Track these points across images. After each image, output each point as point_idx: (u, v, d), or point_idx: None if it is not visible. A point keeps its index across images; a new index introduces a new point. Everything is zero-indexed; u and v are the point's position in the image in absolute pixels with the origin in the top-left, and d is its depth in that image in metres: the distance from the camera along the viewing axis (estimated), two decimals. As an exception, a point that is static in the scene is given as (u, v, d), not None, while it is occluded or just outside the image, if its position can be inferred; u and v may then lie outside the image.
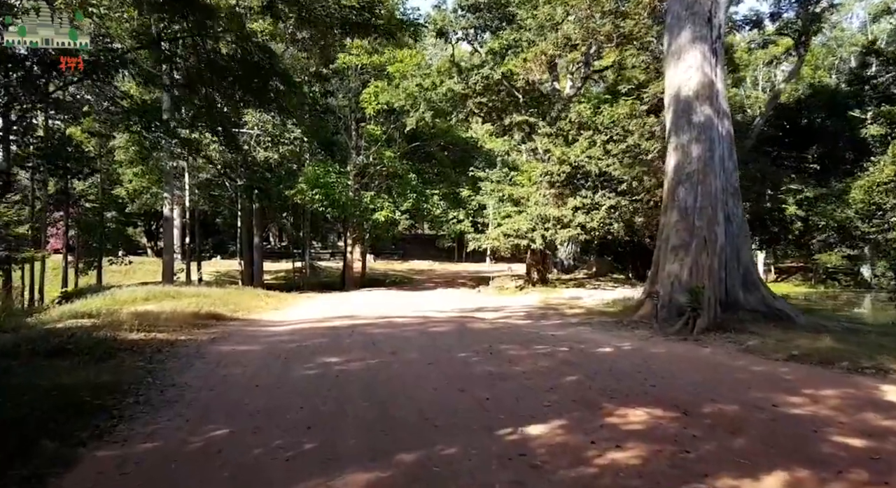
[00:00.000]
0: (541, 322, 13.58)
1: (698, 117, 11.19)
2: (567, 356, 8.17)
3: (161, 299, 16.59)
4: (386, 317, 14.33)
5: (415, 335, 10.63)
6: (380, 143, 30.47)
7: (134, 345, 8.57)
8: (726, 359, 8.11)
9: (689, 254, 10.95)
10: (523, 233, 22.75)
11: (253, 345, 9.68)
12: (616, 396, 5.80)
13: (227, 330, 11.60)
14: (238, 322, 13.34)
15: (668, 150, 11.80)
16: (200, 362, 7.76)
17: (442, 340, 9.81)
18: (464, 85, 24.42)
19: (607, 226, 21.93)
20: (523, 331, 11.41)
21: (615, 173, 21.74)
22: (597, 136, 22.80)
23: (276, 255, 47.89)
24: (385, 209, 29.10)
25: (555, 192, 23.26)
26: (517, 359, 7.93)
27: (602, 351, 8.73)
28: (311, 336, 10.60)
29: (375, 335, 10.71)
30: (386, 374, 7.00)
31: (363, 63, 29.26)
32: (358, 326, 12.12)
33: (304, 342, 9.73)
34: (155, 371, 6.94)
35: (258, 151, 26.68)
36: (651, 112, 23.22)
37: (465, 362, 7.73)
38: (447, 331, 11.11)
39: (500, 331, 11.20)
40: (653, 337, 10.28)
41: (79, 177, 29.92)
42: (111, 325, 10.09)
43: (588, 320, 13.51)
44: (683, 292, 10.87)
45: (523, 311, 16.68)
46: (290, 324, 12.85)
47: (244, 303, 17.65)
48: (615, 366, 7.49)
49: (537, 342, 9.59)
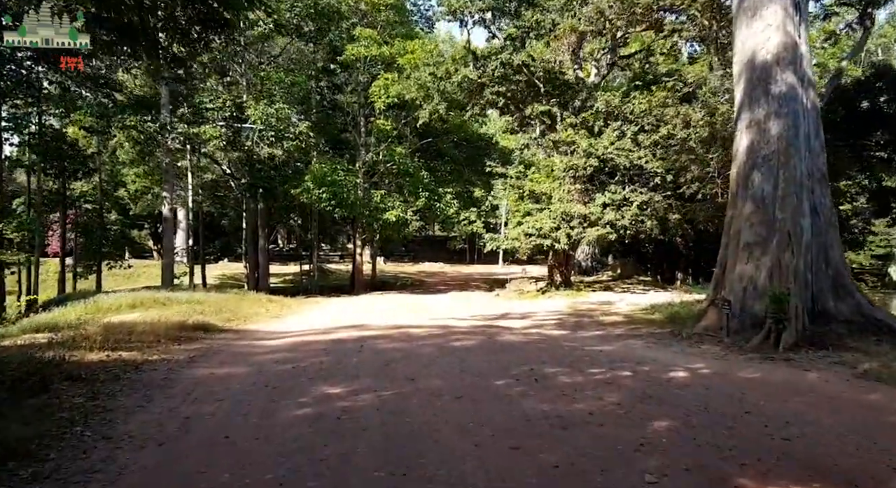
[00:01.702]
0: (579, 333, 11.73)
1: (778, 87, 9.29)
2: (636, 385, 6.33)
3: (149, 306, 14.92)
4: (399, 326, 12.54)
5: (436, 352, 8.82)
6: (390, 139, 28.70)
7: (87, 370, 6.84)
8: (850, 391, 6.23)
9: (766, 252, 9.04)
10: (546, 232, 20.87)
11: (239, 366, 7.91)
12: (746, 461, 3.95)
13: (214, 345, 9.84)
14: (230, 334, 11.59)
15: (739, 129, 9.87)
16: (163, 395, 5.99)
17: (471, 360, 7.99)
18: (480, 73, 22.59)
19: (639, 224, 20.00)
20: (563, 345, 9.56)
21: (648, 166, 19.83)
22: (626, 127, 20.92)
23: (284, 258, 46.43)
24: (396, 208, 27.34)
25: (580, 188, 21.37)
26: (572, 389, 6.10)
27: (676, 376, 6.88)
28: (312, 353, 8.83)
29: (388, 352, 8.92)
30: (406, 417, 5.18)
31: (372, 55, 27.52)
32: (367, 339, 10.33)
33: (302, 362, 7.96)
34: (93, 413, 5.16)
35: (262, 148, 25.00)
36: (684, 100, 21.32)
37: (507, 396, 5.90)
38: (474, 347, 9.28)
39: (537, 346, 9.36)
40: (727, 355, 8.40)
41: (76, 176, 28.43)
42: (71, 342, 8.38)
43: (634, 331, 11.65)
44: (760, 299, 8.99)
45: (554, 319, 14.85)
46: (289, 337, 11.09)
47: (242, 310, 15.93)
48: (709, 401, 5.63)
49: (587, 362, 7.75)
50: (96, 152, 29.63)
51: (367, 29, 28.65)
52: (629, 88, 22.30)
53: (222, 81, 27.92)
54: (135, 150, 32.71)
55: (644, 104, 20.54)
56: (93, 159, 28.04)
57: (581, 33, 20.87)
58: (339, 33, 30.21)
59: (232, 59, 26.02)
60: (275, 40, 29.39)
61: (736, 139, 10.05)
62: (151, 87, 27.81)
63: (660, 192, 20.54)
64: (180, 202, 35.92)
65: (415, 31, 35.92)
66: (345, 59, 27.93)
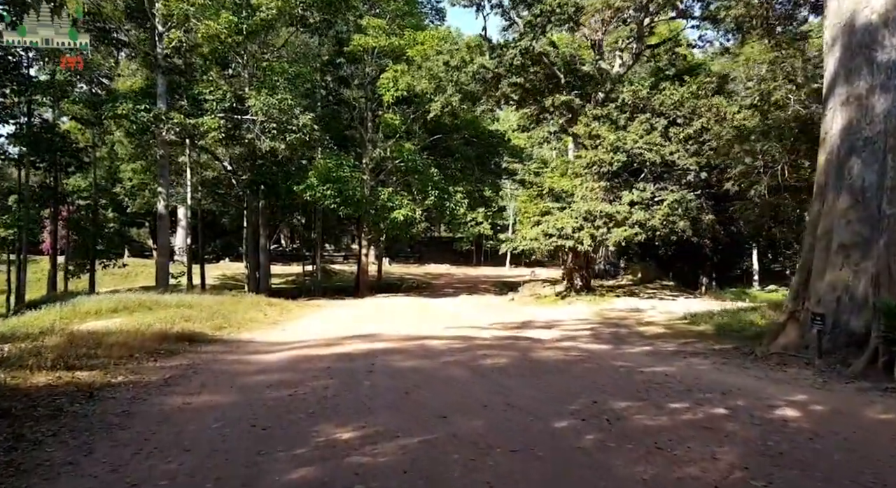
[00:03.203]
0: (623, 348, 10.12)
1: (886, 53, 7.68)
2: (747, 432, 4.74)
3: (133, 310, 13.40)
4: (414, 337, 10.97)
5: (465, 375, 7.25)
6: (398, 135, 27.16)
7: (24, 400, 5.29)
8: None
9: (868, 255, 7.43)
10: (568, 232, 19.29)
11: (222, 392, 6.34)
12: None
13: (198, 360, 8.29)
14: (219, 346, 10.02)
15: (830, 107, 8.22)
16: (109, 443, 4.42)
17: (510, 386, 6.42)
18: (497, 62, 21.01)
19: (671, 224, 18.38)
20: (614, 365, 7.97)
21: (681, 163, 18.22)
22: (655, 120, 19.33)
23: (286, 258, 45.06)
24: (405, 207, 25.78)
25: (604, 185, 19.77)
26: (664, 438, 4.52)
27: (786, 416, 5.28)
28: (313, 373, 7.27)
29: (406, 372, 7.36)
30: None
31: (381, 45, 25.97)
32: (379, 354, 8.77)
33: (301, 386, 6.40)
34: (-4, 478, 3.62)
35: (264, 141, 23.44)
36: (717, 92, 19.72)
37: (579, 449, 4.32)
38: (509, 367, 7.70)
39: (584, 367, 7.78)
40: (827, 382, 6.79)
41: (68, 170, 26.90)
42: (17, 359, 6.84)
43: (688, 347, 10.04)
44: (859, 312, 7.40)
45: (585, 329, 13.25)
46: (287, 349, 9.53)
47: (237, 315, 14.37)
48: (861, 466, 4.03)
49: (660, 391, 6.17)
50: (90, 145, 28.10)
51: (376, 19, 27.17)
52: (657, 79, 20.70)
53: (224, 74, 26.44)
54: (132, 144, 31.39)
55: (676, 95, 18.96)
56: (86, 152, 26.48)
57: (611, 13, 19.23)
58: (345, 23, 28.74)
59: (234, 50, 24.51)
60: (278, 32, 27.93)
61: (825, 120, 8.42)
62: (149, 77, 26.39)
63: (692, 191, 18.94)
64: (179, 200, 34.56)
65: (424, 23, 34.45)
66: (352, 49, 26.42)
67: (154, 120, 21.27)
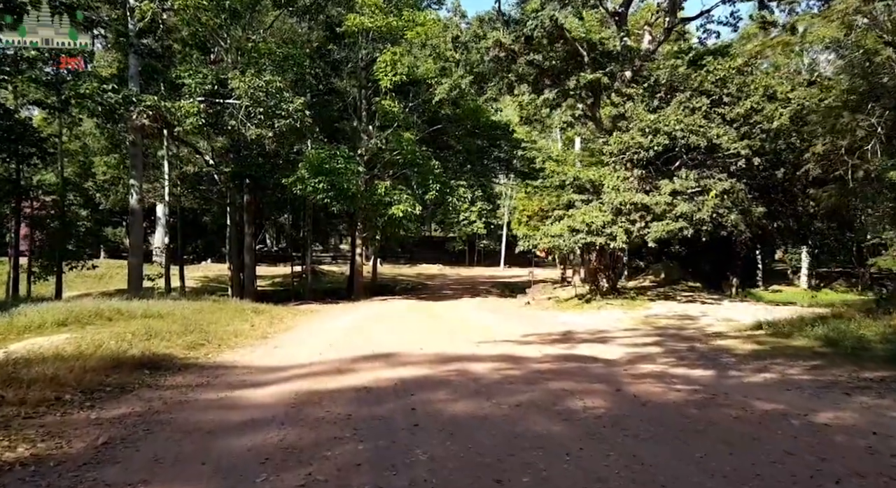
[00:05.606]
0: (734, 376, 7.65)
1: None
2: None
3: (87, 322, 10.75)
4: (447, 358, 8.47)
5: (563, 432, 4.76)
6: (396, 125, 24.62)
7: None
8: None
9: None
10: (598, 228, 16.91)
11: (187, 474, 3.82)
12: None
13: (157, 405, 5.70)
14: (192, 375, 7.41)
15: None
16: None
17: (642, 457, 3.98)
18: (515, 37, 18.59)
19: (720, 217, 16.05)
20: (765, 410, 5.55)
21: (731, 147, 15.90)
22: (695, 100, 17.01)
23: (271, 259, 42.52)
24: (404, 202, 23.22)
25: (640, 173, 17.41)
26: None
27: None
28: (329, 430, 4.76)
29: (465, 423, 4.87)
30: None
31: (377, 26, 23.33)
32: (414, 389, 6.26)
33: (314, 456, 3.91)
34: None
35: (249, 128, 20.78)
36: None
37: None
38: (617, 416, 5.25)
39: (727, 415, 5.34)
40: None
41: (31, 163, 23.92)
42: None
43: (818, 373, 7.61)
44: None
45: (647, 343, 10.77)
46: (285, 380, 6.99)
47: (219, 327, 11.75)
48: None
49: (874, 472, 3.77)
50: (56, 135, 25.22)
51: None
52: (696, 55, 18.38)
53: (205, 60, 23.78)
54: (103, 135, 28.58)
55: (722, 71, 16.65)
56: (49, 142, 23.57)
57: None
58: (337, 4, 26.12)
59: (216, 33, 21.88)
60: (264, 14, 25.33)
61: None
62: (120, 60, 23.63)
63: (740, 180, 16.65)
64: (158, 196, 31.81)
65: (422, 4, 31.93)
66: (345, 29, 23.76)
67: (123, 101, 18.55)
